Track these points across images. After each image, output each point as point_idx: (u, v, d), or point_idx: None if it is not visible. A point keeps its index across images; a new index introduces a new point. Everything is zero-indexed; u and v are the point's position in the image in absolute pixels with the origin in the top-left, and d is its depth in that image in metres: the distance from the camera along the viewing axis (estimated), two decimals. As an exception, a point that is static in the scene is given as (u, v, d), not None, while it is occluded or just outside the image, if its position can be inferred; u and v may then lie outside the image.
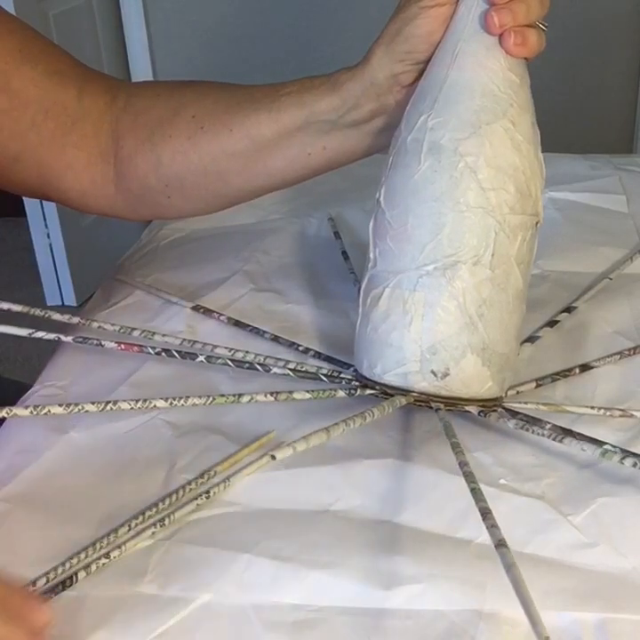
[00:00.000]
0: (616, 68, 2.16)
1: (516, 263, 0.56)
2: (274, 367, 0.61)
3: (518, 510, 0.51)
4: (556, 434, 0.52)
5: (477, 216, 0.54)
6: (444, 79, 0.56)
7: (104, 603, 0.46)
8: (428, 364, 0.55)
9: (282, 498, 0.53)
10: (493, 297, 0.55)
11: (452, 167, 0.54)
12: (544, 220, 0.59)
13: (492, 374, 0.57)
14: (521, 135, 0.55)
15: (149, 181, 0.67)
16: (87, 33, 2.17)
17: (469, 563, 0.48)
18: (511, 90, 0.56)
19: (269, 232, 0.90)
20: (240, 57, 2.27)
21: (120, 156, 0.66)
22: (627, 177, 0.98)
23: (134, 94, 0.68)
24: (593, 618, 0.44)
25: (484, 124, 0.54)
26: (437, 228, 0.55)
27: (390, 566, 0.48)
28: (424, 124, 0.55)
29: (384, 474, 0.54)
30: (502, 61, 0.56)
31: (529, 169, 0.56)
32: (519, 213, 0.55)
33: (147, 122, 0.66)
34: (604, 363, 0.65)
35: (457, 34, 0.56)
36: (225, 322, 0.72)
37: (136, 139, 0.66)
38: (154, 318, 0.74)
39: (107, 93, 0.67)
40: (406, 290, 0.56)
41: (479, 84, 0.55)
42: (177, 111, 0.65)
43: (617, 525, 0.50)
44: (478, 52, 0.55)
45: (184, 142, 0.64)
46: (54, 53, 0.67)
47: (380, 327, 0.57)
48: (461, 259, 0.54)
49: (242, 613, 0.45)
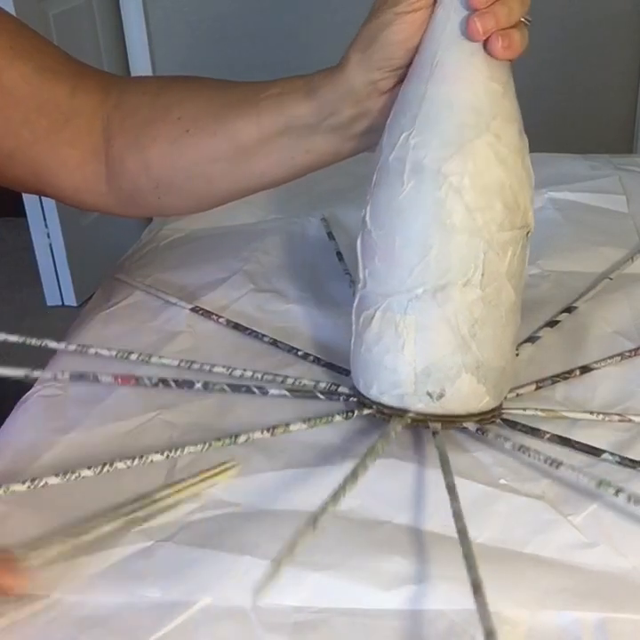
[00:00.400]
0: (616, 68, 2.16)
1: (507, 278, 0.55)
2: (271, 389, 0.60)
3: (518, 510, 0.51)
4: (551, 460, 0.51)
5: (465, 237, 0.53)
6: (422, 94, 0.53)
7: (105, 606, 0.46)
8: (423, 386, 0.55)
9: (282, 499, 0.53)
10: (485, 315, 0.54)
11: (436, 188, 0.52)
12: (544, 220, 0.59)
13: (489, 389, 0.56)
14: (506, 148, 0.53)
15: (140, 182, 0.66)
16: (87, 33, 2.17)
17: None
18: (494, 101, 0.53)
19: (269, 232, 0.90)
20: (240, 57, 2.27)
21: (111, 156, 0.66)
22: (627, 177, 0.98)
23: (125, 91, 0.67)
24: (593, 618, 0.44)
25: (467, 142, 0.52)
26: (424, 250, 0.53)
27: (390, 566, 0.48)
28: (406, 141, 0.53)
29: (384, 474, 0.54)
30: (484, 71, 0.53)
31: (516, 182, 0.54)
32: (508, 230, 0.54)
33: (133, 124, 0.65)
34: (604, 364, 0.65)
35: (435, 42, 0.53)
36: (224, 324, 0.72)
37: (125, 139, 0.65)
38: (154, 318, 0.74)
39: (100, 90, 0.66)
40: (397, 313, 0.55)
41: (460, 98, 0.53)
42: (163, 112, 0.64)
43: (617, 525, 0.50)
44: (458, 62, 0.53)
45: (169, 146, 0.64)
46: (46, 50, 0.67)
47: (374, 349, 0.56)
48: (450, 280, 0.53)
49: (243, 615, 0.45)
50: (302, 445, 0.58)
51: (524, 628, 0.44)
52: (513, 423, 0.57)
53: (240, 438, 0.55)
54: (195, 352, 0.69)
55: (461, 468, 0.55)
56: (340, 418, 0.57)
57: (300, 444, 0.58)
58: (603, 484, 0.49)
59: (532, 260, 0.81)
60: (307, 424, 0.56)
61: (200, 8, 2.24)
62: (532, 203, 0.56)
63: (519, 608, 0.45)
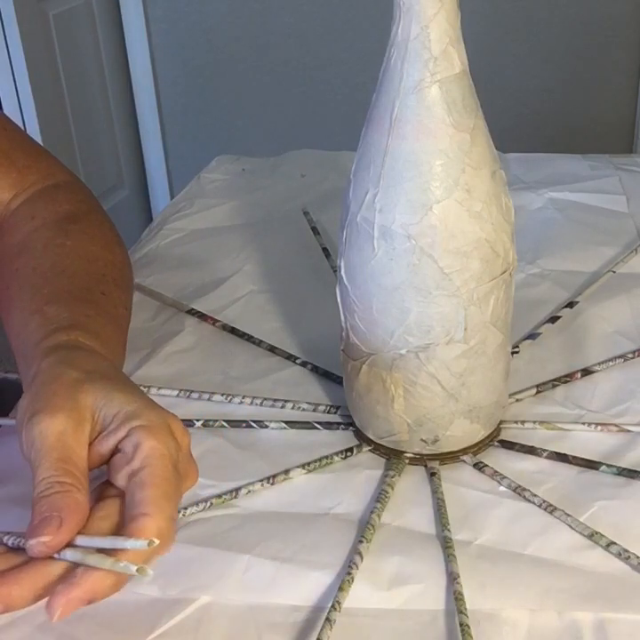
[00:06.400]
0: (616, 68, 2.15)
1: (491, 323, 0.52)
2: (270, 423, 0.59)
3: (518, 515, 0.51)
4: (547, 504, 0.51)
5: (443, 299, 0.50)
6: (385, 149, 0.49)
7: (105, 604, 0.46)
8: (417, 434, 0.55)
9: (282, 501, 0.53)
10: (473, 364, 0.53)
11: (408, 254, 0.49)
12: (544, 220, 0.58)
13: (483, 424, 0.56)
14: (479, 200, 0.49)
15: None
16: (87, 33, 2.16)
17: (469, 563, 0.48)
18: (462, 151, 0.48)
19: (269, 232, 0.90)
20: (240, 57, 2.27)
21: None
22: (627, 177, 0.98)
23: (15, 214, 0.64)
24: (593, 618, 0.44)
25: (435, 203, 0.48)
26: (403, 315, 0.51)
27: (390, 566, 0.48)
28: (372, 202, 0.50)
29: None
30: (447, 119, 0.48)
31: (493, 231, 0.50)
32: (488, 282, 0.51)
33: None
34: (605, 367, 0.65)
35: (392, 90, 0.48)
36: (220, 328, 0.72)
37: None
38: (154, 318, 0.74)
39: (11, 189, 0.64)
40: (383, 370, 0.53)
41: (425, 153, 0.48)
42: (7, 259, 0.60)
43: (616, 528, 0.49)
44: (419, 113, 0.48)
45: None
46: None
47: (365, 398, 0.56)
48: (432, 341, 0.51)
49: (242, 614, 0.45)
50: (298, 447, 0.58)
51: (524, 628, 0.44)
52: (510, 444, 0.57)
53: (241, 491, 0.54)
54: (193, 352, 0.69)
55: (461, 477, 0.55)
56: (339, 458, 0.57)
57: (297, 444, 0.58)
58: (595, 536, 0.49)
59: (532, 260, 0.81)
60: (306, 469, 0.55)
61: (200, 8, 2.24)
62: (512, 240, 0.53)
63: (519, 608, 0.45)
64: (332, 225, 0.89)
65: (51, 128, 2.01)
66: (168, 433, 0.42)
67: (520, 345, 0.67)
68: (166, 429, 0.43)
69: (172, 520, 0.40)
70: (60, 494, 0.40)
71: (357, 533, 0.50)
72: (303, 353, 0.68)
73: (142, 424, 0.42)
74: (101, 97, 2.24)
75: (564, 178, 0.98)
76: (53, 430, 0.42)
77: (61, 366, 0.46)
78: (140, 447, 0.41)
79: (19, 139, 0.67)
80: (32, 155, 0.67)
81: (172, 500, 0.41)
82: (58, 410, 0.42)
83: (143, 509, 0.39)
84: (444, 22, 0.47)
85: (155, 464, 0.41)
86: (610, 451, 0.56)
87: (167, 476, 0.41)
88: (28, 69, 1.92)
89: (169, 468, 0.41)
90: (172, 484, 0.41)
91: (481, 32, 2.10)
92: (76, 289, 0.56)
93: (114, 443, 0.42)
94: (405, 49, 0.47)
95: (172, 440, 0.42)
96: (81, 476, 0.41)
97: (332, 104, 2.26)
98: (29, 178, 0.65)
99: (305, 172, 1.04)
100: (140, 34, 2.28)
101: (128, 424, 0.42)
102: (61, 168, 0.68)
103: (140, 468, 0.41)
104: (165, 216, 0.96)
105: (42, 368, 0.47)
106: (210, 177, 1.05)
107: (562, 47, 2.14)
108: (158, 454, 0.41)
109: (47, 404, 0.43)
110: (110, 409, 0.43)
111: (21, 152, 0.66)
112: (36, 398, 0.44)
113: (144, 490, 0.40)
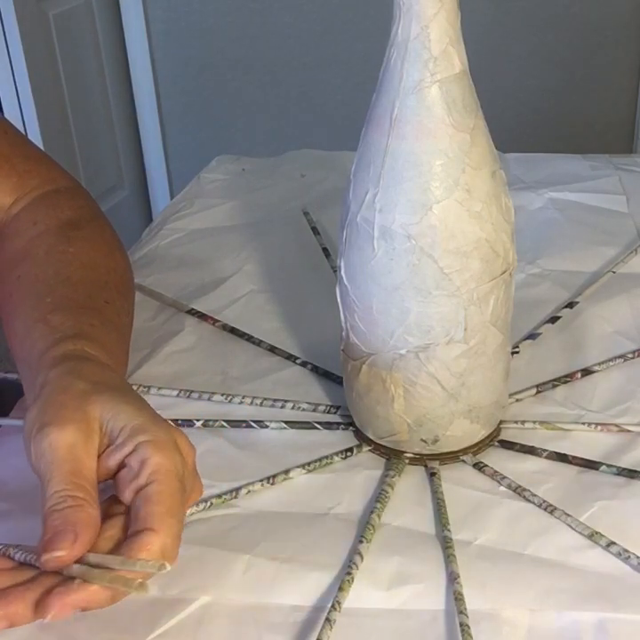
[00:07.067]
0: (616, 68, 2.15)
1: (491, 323, 0.53)
2: (270, 423, 0.59)
3: (518, 515, 0.51)
4: (547, 504, 0.51)
5: (442, 299, 0.50)
6: (385, 149, 0.49)
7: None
8: (417, 434, 0.55)
9: (282, 501, 0.53)
10: (473, 364, 0.53)
11: (408, 254, 0.50)
12: (544, 220, 0.58)
13: (483, 424, 0.56)
14: (479, 200, 0.49)
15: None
16: (87, 33, 2.16)
17: (469, 563, 0.48)
18: (462, 151, 0.48)
19: (269, 232, 0.90)
20: (240, 57, 2.27)
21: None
22: (627, 177, 0.98)
23: (16, 219, 0.63)
24: (593, 618, 0.44)
25: (435, 203, 0.48)
26: (403, 315, 0.51)
27: (390, 566, 0.48)
28: (372, 202, 0.50)
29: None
30: (447, 119, 0.48)
31: (493, 231, 0.50)
32: (488, 281, 0.51)
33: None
34: (605, 367, 0.65)
35: (392, 90, 0.48)
36: (220, 328, 0.72)
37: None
38: (154, 318, 0.74)
39: (12, 194, 0.64)
40: (383, 369, 0.53)
41: (425, 153, 0.48)
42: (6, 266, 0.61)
43: (616, 528, 0.49)
44: (419, 113, 0.48)
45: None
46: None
47: (365, 398, 0.56)
48: (432, 341, 0.52)
49: (242, 614, 0.45)
50: (298, 447, 0.58)
51: (524, 628, 0.44)
52: (510, 444, 0.57)
53: (241, 491, 0.54)
54: (193, 352, 0.69)
55: (462, 477, 0.55)
56: (339, 458, 0.57)
57: (295, 444, 0.58)
58: (595, 536, 0.49)
59: (532, 260, 0.81)
60: (306, 469, 0.55)
61: (200, 8, 2.24)
62: (512, 240, 0.53)
63: (519, 608, 0.45)
64: (332, 225, 0.89)
65: (51, 128, 2.02)
66: (174, 448, 0.43)
67: (520, 345, 0.67)
68: (173, 445, 0.43)
69: (177, 537, 0.40)
70: (72, 508, 0.40)
71: (357, 533, 0.50)
72: (303, 353, 0.68)
73: (149, 439, 0.42)
74: (101, 97, 2.24)
75: (564, 178, 0.98)
76: (64, 443, 0.42)
77: (69, 377, 0.46)
78: (147, 463, 0.41)
79: (19, 143, 0.67)
80: (33, 159, 0.67)
81: (178, 516, 0.41)
82: (67, 422, 0.43)
83: (149, 525, 0.39)
84: (444, 22, 0.47)
85: (161, 480, 0.41)
86: (610, 451, 0.56)
87: (173, 492, 0.41)
88: (28, 69, 1.92)
89: (175, 484, 0.41)
90: (177, 501, 0.41)
91: (481, 32, 2.10)
92: (80, 297, 0.56)
93: (120, 458, 0.43)
94: (405, 49, 0.47)
95: (178, 455, 0.43)
96: (92, 489, 0.42)
97: (332, 104, 2.26)
98: (30, 182, 0.65)
99: (305, 172, 1.04)
100: (139, 34, 2.28)
101: (135, 439, 0.42)
102: (62, 173, 0.68)
103: (146, 483, 0.41)
104: (165, 216, 0.96)
105: (49, 379, 0.47)
106: (210, 177, 1.05)
107: (562, 47, 2.14)
108: (164, 470, 0.41)
109: (56, 416, 0.43)
110: (117, 422, 0.43)
111: (22, 156, 0.66)
112: (44, 410, 0.44)
113: (150, 506, 0.40)
